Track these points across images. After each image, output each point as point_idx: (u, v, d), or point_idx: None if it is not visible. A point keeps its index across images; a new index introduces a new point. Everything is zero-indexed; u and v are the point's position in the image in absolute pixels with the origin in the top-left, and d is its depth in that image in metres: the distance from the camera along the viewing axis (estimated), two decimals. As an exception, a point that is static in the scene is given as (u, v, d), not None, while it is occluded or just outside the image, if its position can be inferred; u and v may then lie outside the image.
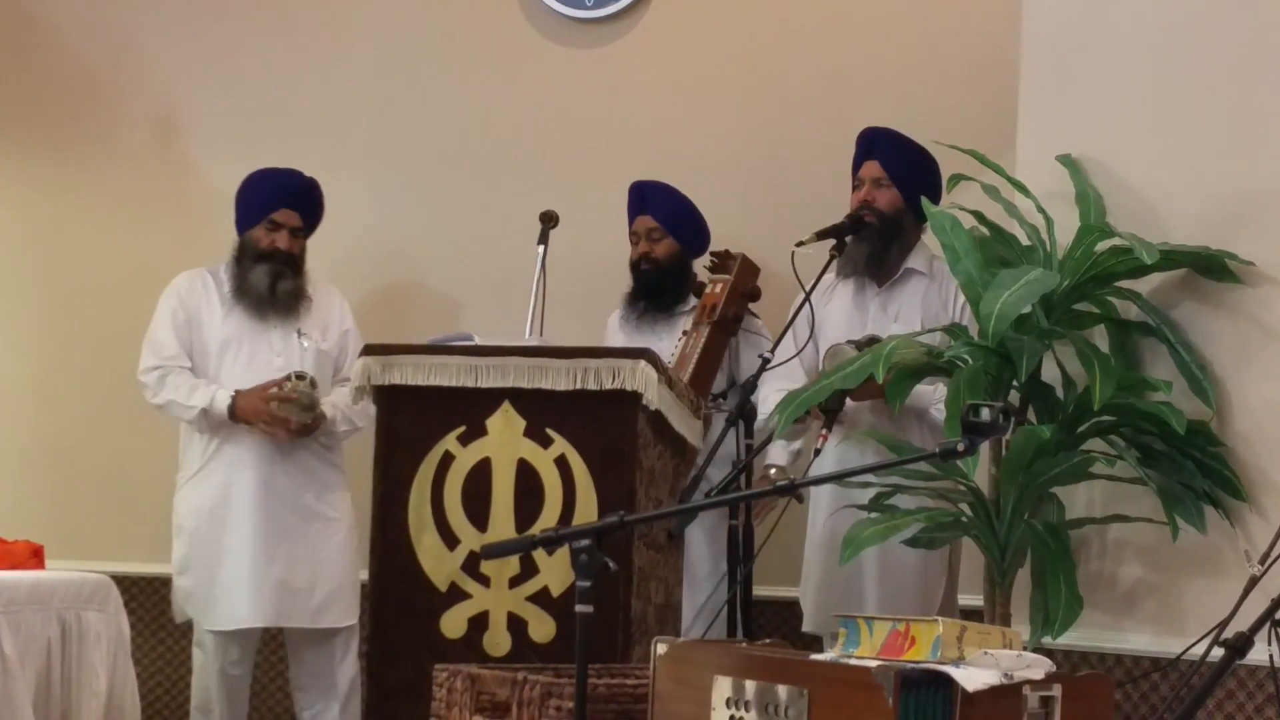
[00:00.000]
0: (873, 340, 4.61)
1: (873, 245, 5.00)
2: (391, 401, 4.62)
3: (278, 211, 5.50)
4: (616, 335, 5.55)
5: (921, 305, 5.01)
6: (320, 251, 5.65)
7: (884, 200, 5.02)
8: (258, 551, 5.35)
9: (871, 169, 5.05)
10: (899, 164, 5.02)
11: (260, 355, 5.46)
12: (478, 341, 4.69)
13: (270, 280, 5.47)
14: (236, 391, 5.37)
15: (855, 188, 5.08)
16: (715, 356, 5.23)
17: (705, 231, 5.59)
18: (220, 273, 5.56)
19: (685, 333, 5.28)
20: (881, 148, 5.06)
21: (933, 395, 4.81)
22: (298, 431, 5.36)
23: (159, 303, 5.55)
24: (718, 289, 5.29)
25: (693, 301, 5.49)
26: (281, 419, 5.33)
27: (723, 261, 5.36)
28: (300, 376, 5.35)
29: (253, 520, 5.37)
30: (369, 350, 4.68)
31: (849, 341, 4.71)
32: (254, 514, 5.37)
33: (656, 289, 5.52)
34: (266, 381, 5.37)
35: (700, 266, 5.55)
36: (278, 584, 5.37)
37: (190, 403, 5.39)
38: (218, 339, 5.48)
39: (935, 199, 4.78)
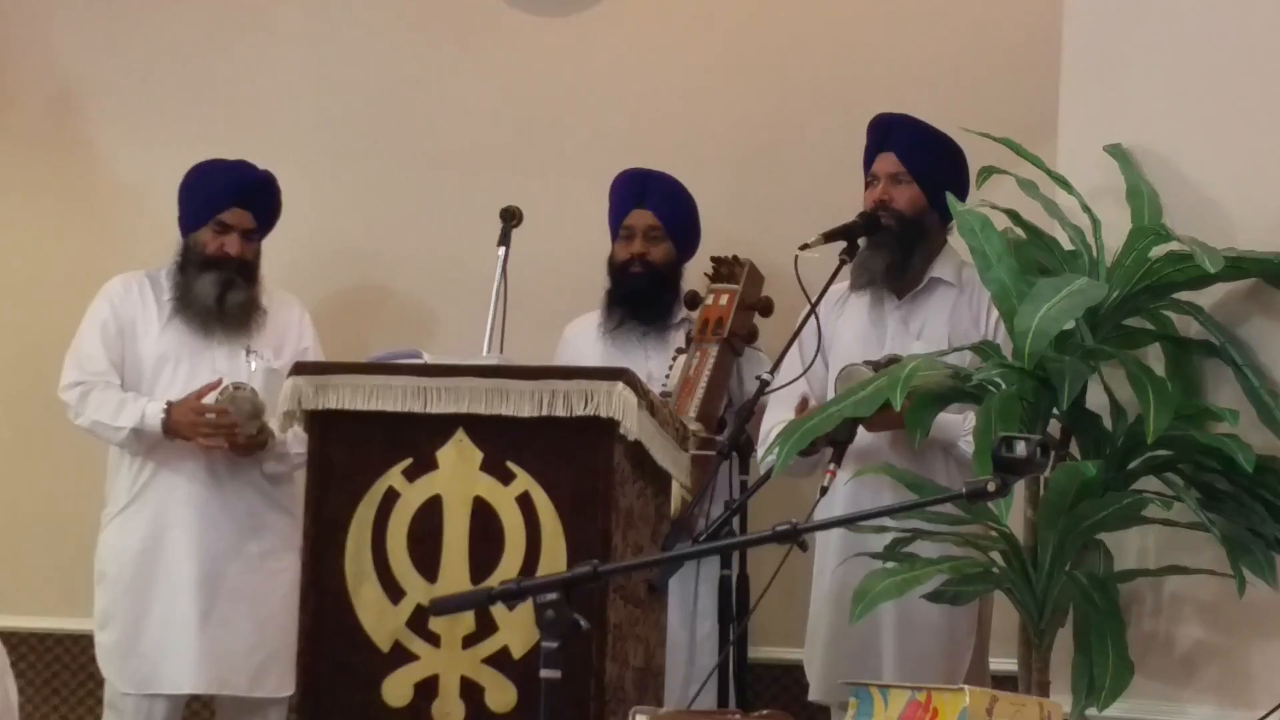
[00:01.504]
0: (893, 361, 4.61)
1: (891, 252, 5.01)
2: (326, 429, 4.62)
3: (227, 211, 5.50)
4: (585, 349, 5.53)
5: (949, 320, 5.02)
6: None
7: (903, 199, 5.02)
8: (193, 603, 5.35)
9: (887, 163, 5.05)
10: (919, 156, 5.03)
11: (201, 375, 5.44)
12: (427, 360, 4.69)
13: (218, 291, 5.47)
14: (169, 403, 5.35)
15: (868, 185, 5.09)
16: (725, 380, 5.23)
17: (699, 236, 5.61)
18: (160, 278, 5.57)
19: (680, 350, 5.27)
20: (898, 137, 5.06)
21: (960, 425, 4.82)
22: (244, 446, 5.33)
23: (89, 309, 5.54)
24: (723, 300, 5.29)
25: (682, 314, 5.49)
26: (227, 426, 5.30)
27: (726, 269, 5.35)
28: (239, 387, 5.34)
29: (188, 565, 5.37)
30: (299, 369, 4.70)
31: (866, 362, 4.71)
32: (190, 557, 5.37)
33: (646, 298, 5.51)
34: (202, 387, 5.36)
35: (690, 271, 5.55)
36: (214, 643, 5.36)
37: (118, 423, 5.38)
38: (153, 354, 5.49)
39: (962, 196, 4.79)
